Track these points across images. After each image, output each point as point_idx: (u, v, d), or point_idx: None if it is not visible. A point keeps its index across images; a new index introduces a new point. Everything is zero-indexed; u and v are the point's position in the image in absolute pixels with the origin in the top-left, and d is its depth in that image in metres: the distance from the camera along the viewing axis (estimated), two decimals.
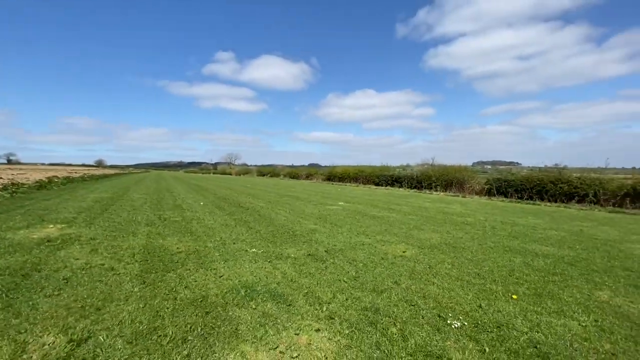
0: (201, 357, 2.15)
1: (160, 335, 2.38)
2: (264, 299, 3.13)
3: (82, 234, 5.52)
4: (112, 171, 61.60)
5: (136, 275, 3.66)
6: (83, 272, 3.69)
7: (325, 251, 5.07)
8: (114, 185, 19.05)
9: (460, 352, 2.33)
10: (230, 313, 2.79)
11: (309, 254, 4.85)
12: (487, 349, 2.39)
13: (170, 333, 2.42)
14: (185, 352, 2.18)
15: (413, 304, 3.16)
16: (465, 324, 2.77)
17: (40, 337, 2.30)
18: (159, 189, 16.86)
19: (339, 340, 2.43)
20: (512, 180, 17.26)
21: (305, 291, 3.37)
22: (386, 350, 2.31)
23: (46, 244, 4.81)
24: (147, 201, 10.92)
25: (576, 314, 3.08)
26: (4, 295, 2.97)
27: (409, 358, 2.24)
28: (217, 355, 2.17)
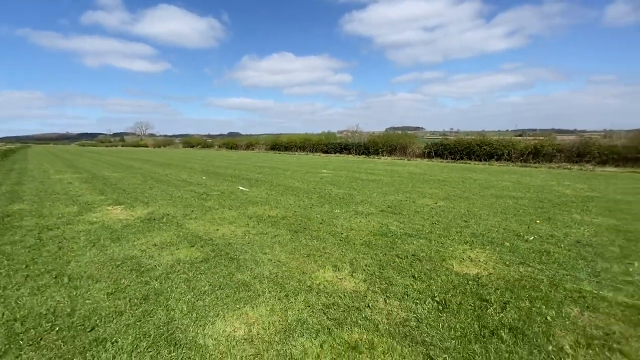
0: (439, 266, 3.39)
1: (401, 260, 3.52)
2: (411, 237, 4.41)
3: (169, 212, 5.75)
4: None
5: (294, 233, 4.50)
6: (258, 238, 4.37)
7: (388, 207, 6.43)
8: (48, 164, 16.46)
9: (552, 249, 4.06)
10: (408, 247, 4.02)
11: (381, 210, 6.15)
12: (561, 245, 4.17)
13: (403, 258, 3.57)
14: (431, 267, 3.40)
15: (495, 231, 4.83)
16: (536, 237, 4.55)
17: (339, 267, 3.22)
18: (121, 167, 15.39)
19: (492, 253, 3.92)
20: (447, 144, 20.84)
21: (428, 230, 4.74)
22: (521, 253, 3.89)
23: (168, 222, 5.07)
24: (142, 180, 10.42)
25: (576, 227, 5.15)
26: (259, 253, 3.62)
27: (534, 254, 3.85)
28: (450, 266, 3.45)
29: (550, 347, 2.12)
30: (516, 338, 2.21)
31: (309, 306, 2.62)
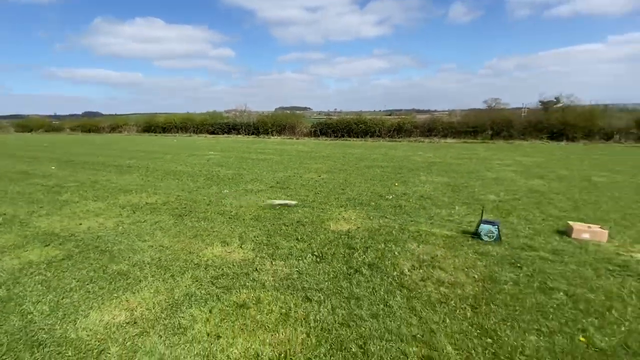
0: (319, 227, 3.86)
1: (287, 227, 3.82)
2: (297, 207, 4.81)
3: (5, 212, 4.62)
4: None
5: (179, 217, 4.31)
6: (135, 226, 3.96)
7: (277, 183, 6.74)
8: None
9: (404, 204, 5.08)
10: (294, 216, 4.40)
11: (270, 186, 6.41)
12: (410, 200, 5.27)
13: (289, 225, 3.89)
14: (312, 229, 3.83)
15: (365, 195, 5.69)
16: (394, 196, 5.59)
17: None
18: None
19: (361, 211, 4.65)
20: (330, 123, 22.52)
21: (311, 200, 5.24)
22: (382, 209, 4.75)
23: (6, 223, 4.03)
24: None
25: (421, 185, 6.54)
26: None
27: (391, 209, 4.77)
28: (328, 226, 3.95)
29: (395, 273, 2.78)
30: (373, 271, 2.81)
31: (197, 281, 2.67)
